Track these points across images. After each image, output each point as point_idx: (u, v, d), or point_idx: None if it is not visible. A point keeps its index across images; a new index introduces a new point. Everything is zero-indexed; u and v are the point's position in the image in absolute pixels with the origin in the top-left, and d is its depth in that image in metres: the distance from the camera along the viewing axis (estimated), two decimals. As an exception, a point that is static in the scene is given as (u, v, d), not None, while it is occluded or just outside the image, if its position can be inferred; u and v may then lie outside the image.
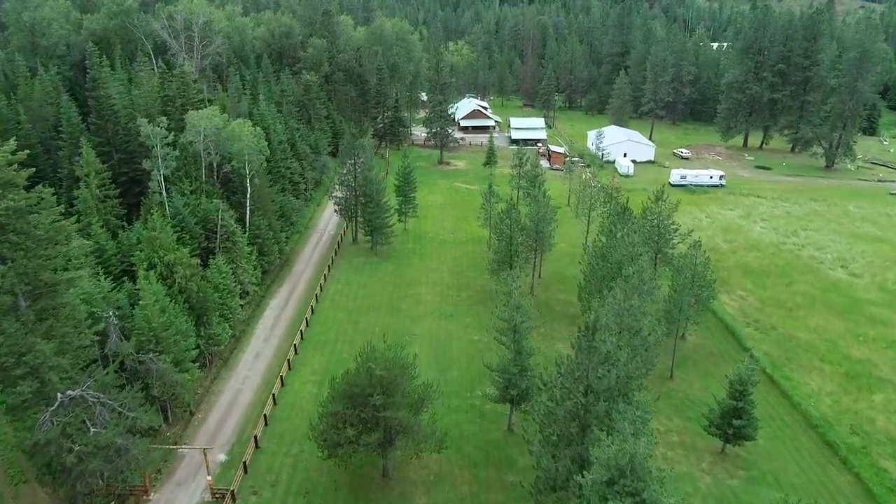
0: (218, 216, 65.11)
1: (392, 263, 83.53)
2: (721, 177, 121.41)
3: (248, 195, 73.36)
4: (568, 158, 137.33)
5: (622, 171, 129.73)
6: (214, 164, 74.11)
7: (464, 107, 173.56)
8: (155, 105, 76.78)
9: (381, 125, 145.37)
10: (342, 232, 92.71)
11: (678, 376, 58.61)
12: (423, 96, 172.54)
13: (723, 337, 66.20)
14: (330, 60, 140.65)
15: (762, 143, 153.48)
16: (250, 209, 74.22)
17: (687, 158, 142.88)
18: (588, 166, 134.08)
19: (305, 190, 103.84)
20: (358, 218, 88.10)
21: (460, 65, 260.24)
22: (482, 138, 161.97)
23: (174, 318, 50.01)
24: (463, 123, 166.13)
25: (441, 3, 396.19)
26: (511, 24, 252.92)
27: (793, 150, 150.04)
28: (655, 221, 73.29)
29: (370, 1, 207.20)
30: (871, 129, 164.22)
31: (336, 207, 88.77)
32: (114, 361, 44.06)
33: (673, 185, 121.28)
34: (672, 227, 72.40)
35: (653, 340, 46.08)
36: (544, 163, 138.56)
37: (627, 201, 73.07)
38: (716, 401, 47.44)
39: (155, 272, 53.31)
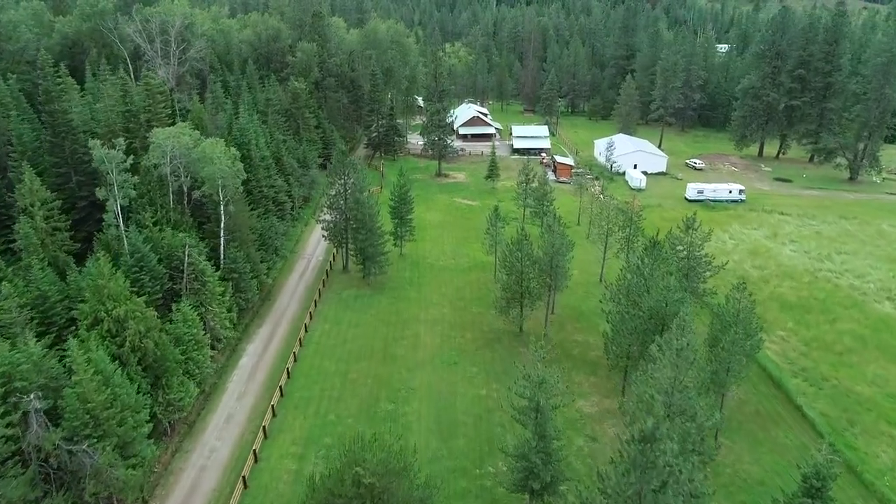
0: (185, 253, 56.15)
1: (387, 296, 74.63)
2: (741, 191, 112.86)
3: (223, 225, 64.37)
4: (576, 171, 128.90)
5: (634, 184, 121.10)
6: (185, 189, 65.07)
7: (462, 113, 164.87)
8: (117, 121, 67.66)
9: (374, 134, 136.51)
10: (331, 258, 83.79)
11: (723, 444, 49.87)
12: (420, 101, 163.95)
13: (768, 391, 57.47)
14: (320, 65, 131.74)
15: (779, 153, 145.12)
16: (225, 240, 65.25)
17: (700, 169, 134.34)
18: (597, 178, 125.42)
19: (292, 209, 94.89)
20: (349, 245, 79.21)
21: (458, 68, 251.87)
22: (482, 147, 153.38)
23: (121, 389, 41.05)
24: (462, 131, 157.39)
25: (437, 3, 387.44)
26: (510, 26, 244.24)
27: (811, 160, 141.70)
28: (684, 252, 64.81)
29: (364, 2, 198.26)
30: (891, 138, 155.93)
31: (324, 233, 79.81)
32: (36, 458, 35.12)
33: (689, 201, 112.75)
34: (705, 260, 63.86)
35: (710, 426, 37.30)
36: (550, 174, 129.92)
37: (657, 234, 64.09)
38: (783, 493, 38.66)
39: (100, 330, 44.35)
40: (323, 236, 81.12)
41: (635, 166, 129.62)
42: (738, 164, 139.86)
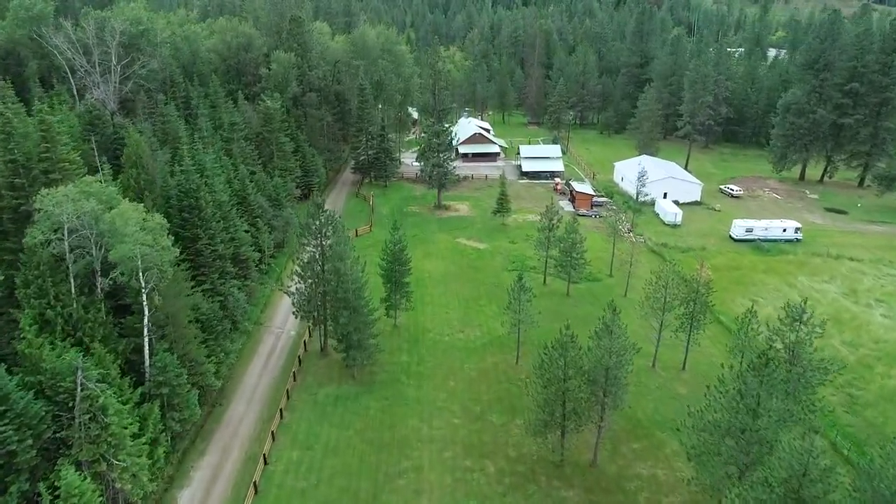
0: (77, 382, 37.86)
1: (376, 396, 56.47)
2: (797, 229, 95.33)
3: (146, 321, 46.02)
4: (596, 200, 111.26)
5: (668, 218, 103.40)
6: (97, 271, 46.61)
7: (462, 129, 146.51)
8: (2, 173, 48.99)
9: (363, 157, 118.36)
10: (307, 332, 65.50)
11: None
12: (415, 113, 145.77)
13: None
14: (300, 78, 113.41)
15: (823, 176, 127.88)
16: (152, 339, 46.93)
17: (738, 197, 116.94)
18: (622, 210, 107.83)
19: (260, 262, 76.63)
20: (327, 323, 61.01)
21: (454, 74, 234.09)
22: (486, 167, 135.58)
23: None
24: (462, 150, 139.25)
25: (430, 5, 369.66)
26: (510, 29, 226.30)
27: (860, 184, 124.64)
28: (785, 351, 47.16)
29: (352, 4, 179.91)
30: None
31: (294, 309, 61.55)
32: None
33: (735, 240, 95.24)
34: (820, 366, 46.19)
35: None
36: (564, 203, 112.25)
37: (770, 348, 46.03)
38: None
39: None
40: (293, 312, 62.72)
41: (665, 195, 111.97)
42: (778, 190, 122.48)
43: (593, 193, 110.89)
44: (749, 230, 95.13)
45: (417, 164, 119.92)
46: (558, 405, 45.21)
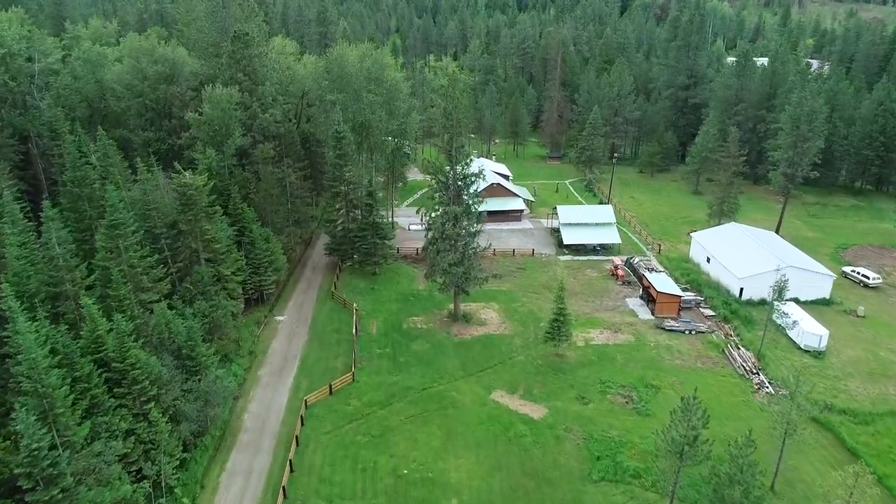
0: None
1: None
2: None
3: None
4: (685, 302, 76.38)
5: (806, 342, 68.37)
6: None
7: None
8: None
9: (340, 229, 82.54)
10: None
11: None
12: (407, 148, 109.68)
13: None
14: (248, 123, 77.22)
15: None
16: None
17: (876, 287, 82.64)
18: (722, 319, 73.10)
19: (158, 486, 40.66)
20: None
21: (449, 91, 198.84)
22: (508, 230, 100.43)
23: None
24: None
25: (418, 9, 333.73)
26: (518, 39, 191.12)
27: None
28: None
29: (327, 11, 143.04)
30: None
31: None
32: None
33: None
34: None
35: None
36: (633, 301, 77.51)
37: None
38: None
39: None
40: None
41: (780, 292, 77.23)
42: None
43: (680, 293, 75.63)
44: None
45: (419, 226, 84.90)
46: None
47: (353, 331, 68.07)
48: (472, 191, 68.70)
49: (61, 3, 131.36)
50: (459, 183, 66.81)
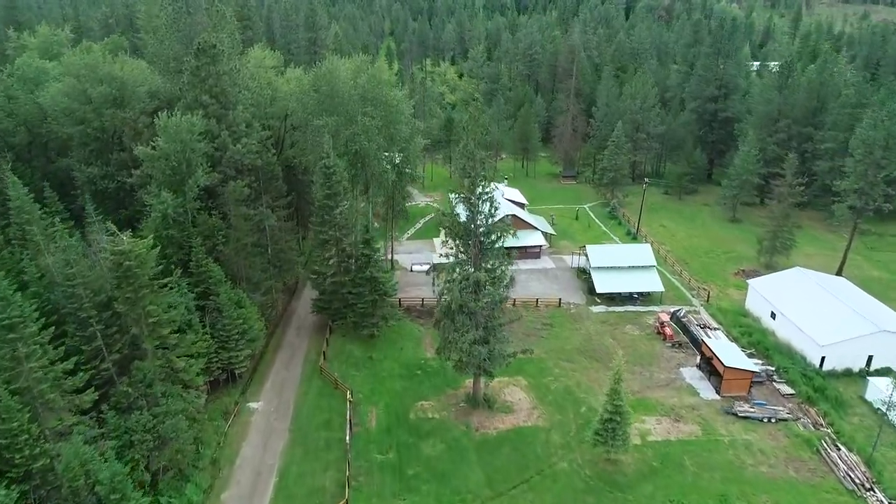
0: None
1: None
2: None
3: None
4: (758, 376, 62.10)
5: (918, 435, 54.30)
6: None
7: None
8: None
9: (330, 287, 67.70)
10: None
11: None
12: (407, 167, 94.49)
13: None
14: (216, 158, 62.31)
15: None
16: None
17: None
18: (805, 399, 58.98)
19: None
20: None
21: (450, 99, 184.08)
22: (527, 271, 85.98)
23: None
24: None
25: (413, 11, 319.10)
26: (524, 45, 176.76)
27: None
28: None
29: (317, 14, 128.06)
30: None
31: None
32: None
33: None
34: None
35: None
36: (688, 372, 63.20)
37: None
38: None
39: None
40: None
41: (867, 363, 63.17)
42: None
43: (753, 368, 61.06)
44: None
45: (421, 267, 70.42)
46: None
47: (347, 428, 53.30)
48: (497, 247, 54.24)
49: (14, 7, 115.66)
50: (483, 240, 52.27)
